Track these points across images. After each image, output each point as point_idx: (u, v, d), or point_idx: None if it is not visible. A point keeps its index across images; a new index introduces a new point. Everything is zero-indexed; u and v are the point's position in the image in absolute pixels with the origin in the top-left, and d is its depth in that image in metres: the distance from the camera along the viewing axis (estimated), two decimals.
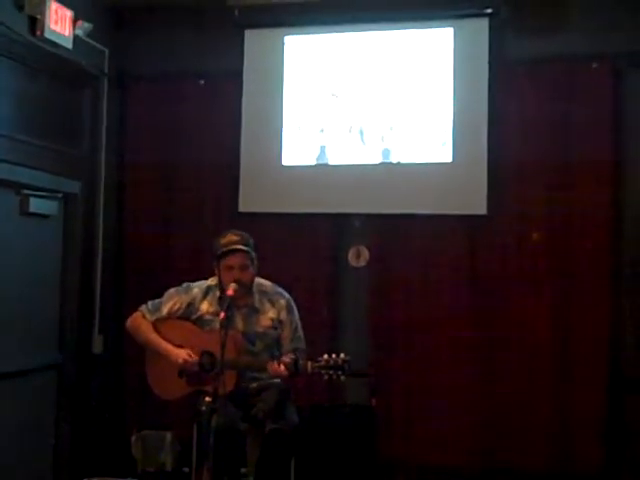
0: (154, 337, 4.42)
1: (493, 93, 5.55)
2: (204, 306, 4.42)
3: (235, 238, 4.35)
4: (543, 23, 5.52)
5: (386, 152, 5.77)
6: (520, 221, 5.53)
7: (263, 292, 4.45)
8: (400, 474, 5.58)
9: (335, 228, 5.86)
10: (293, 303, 4.51)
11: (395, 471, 5.57)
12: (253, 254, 4.37)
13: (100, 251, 5.99)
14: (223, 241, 4.36)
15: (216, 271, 4.41)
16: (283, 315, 4.43)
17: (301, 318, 4.54)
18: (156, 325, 4.45)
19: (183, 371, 4.31)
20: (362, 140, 5.81)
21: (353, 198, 5.77)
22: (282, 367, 4.14)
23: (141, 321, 4.49)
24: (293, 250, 5.82)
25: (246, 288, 4.34)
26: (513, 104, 5.55)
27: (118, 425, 6.00)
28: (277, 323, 4.42)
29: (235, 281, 4.24)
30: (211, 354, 4.10)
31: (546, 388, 5.42)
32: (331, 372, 4.08)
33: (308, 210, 5.83)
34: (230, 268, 4.31)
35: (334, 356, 4.11)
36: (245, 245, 4.34)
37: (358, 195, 5.76)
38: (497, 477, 5.48)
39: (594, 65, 5.41)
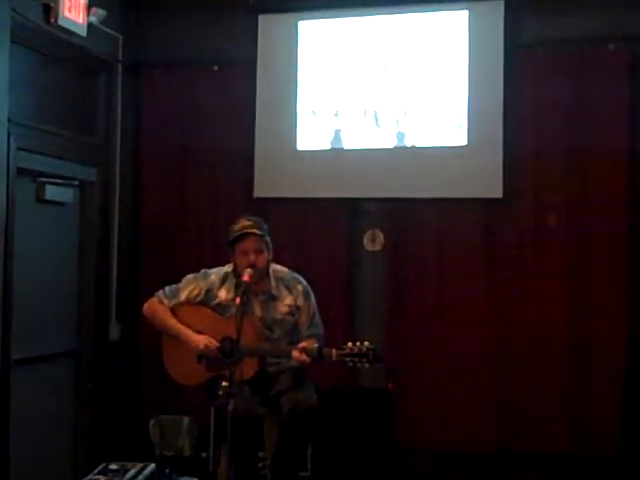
0: (173, 322, 4.43)
1: (508, 76, 5.51)
2: (222, 293, 4.43)
3: (248, 223, 4.36)
4: (559, 4, 5.47)
5: (401, 136, 5.76)
6: (536, 205, 5.50)
7: (280, 278, 4.46)
8: (416, 458, 5.59)
9: (350, 212, 5.86)
10: (310, 289, 4.51)
11: (411, 455, 5.58)
12: (267, 238, 4.38)
13: (116, 238, 6.00)
14: (236, 227, 4.37)
15: (231, 258, 4.42)
16: (300, 301, 4.44)
17: (317, 303, 4.53)
18: (174, 311, 4.47)
19: (202, 357, 4.33)
20: (377, 124, 5.80)
21: (368, 182, 5.76)
22: (304, 355, 4.15)
23: (158, 306, 4.50)
24: (308, 235, 5.84)
25: (261, 273, 4.35)
26: (528, 87, 5.51)
27: (136, 410, 6.04)
28: (294, 309, 4.43)
29: (250, 266, 4.25)
30: (232, 340, 4.10)
31: (563, 372, 5.40)
32: (355, 360, 4.09)
33: (323, 195, 5.82)
34: (245, 253, 4.31)
35: (358, 344, 4.11)
36: (258, 229, 4.35)
37: (373, 179, 5.75)
38: (513, 463, 5.49)
39: (610, 47, 5.35)
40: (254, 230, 4.33)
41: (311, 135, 5.92)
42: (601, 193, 5.37)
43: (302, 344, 4.25)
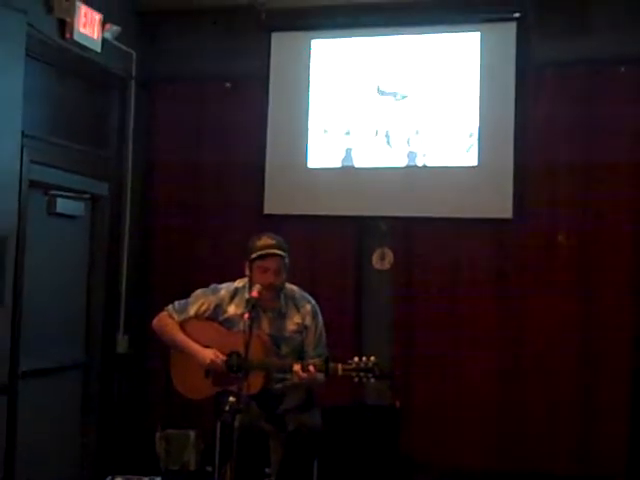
0: (181, 337, 4.43)
1: (520, 97, 5.54)
2: (231, 308, 4.43)
3: (271, 242, 4.35)
4: (571, 27, 5.50)
5: (412, 155, 5.78)
6: (546, 225, 5.51)
7: (290, 297, 4.45)
8: (422, 476, 5.57)
9: (360, 231, 5.87)
10: (318, 309, 4.51)
11: (416, 472, 5.56)
12: (287, 260, 4.39)
13: (126, 252, 6.02)
14: (259, 243, 4.35)
15: (247, 271, 4.40)
16: (308, 320, 4.43)
17: (325, 320, 4.52)
18: (182, 325, 4.47)
19: (210, 371, 4.33)
20: (388, 143, 5.82)
21: (378, 201, 5.77)
22: (305, 374, 4.14)
23: (167, 321, 4.50)
24: (318, 253, 5.84)
25: (276, 292, 4.36)
26: (540, 108, 5.52)
27: (142, 423, 6.04)
28: (302, 328, 4.42)
29: (267, 284, 4.26)
30: (239, 354, 4.11)
31: (570, 391, 5.39)
32: (361, 374, 4.09)
33: (333, 213, 5.84)
34: (264, 271, 4.30)
35: (364, 359, 4.12)
36: (281, 250, 4.35)
37: (383, 198, 5.76)
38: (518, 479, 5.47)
39: (622, 69, 5.38)
40: (277, 251, 4.32)
41: (322, 153, 5.94)
42: (611, 213, 5.37)
43: (308, 361, 4.26)
